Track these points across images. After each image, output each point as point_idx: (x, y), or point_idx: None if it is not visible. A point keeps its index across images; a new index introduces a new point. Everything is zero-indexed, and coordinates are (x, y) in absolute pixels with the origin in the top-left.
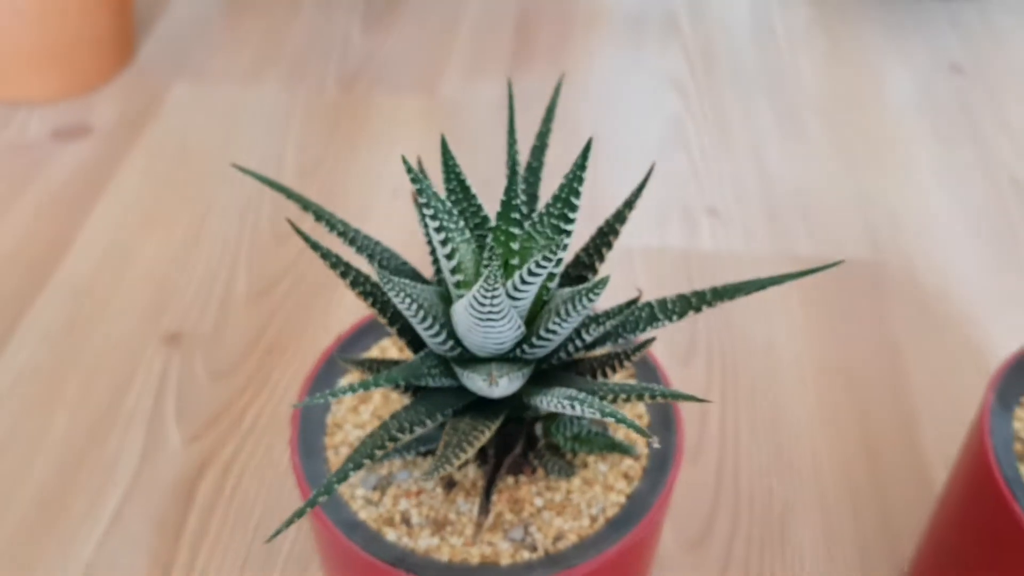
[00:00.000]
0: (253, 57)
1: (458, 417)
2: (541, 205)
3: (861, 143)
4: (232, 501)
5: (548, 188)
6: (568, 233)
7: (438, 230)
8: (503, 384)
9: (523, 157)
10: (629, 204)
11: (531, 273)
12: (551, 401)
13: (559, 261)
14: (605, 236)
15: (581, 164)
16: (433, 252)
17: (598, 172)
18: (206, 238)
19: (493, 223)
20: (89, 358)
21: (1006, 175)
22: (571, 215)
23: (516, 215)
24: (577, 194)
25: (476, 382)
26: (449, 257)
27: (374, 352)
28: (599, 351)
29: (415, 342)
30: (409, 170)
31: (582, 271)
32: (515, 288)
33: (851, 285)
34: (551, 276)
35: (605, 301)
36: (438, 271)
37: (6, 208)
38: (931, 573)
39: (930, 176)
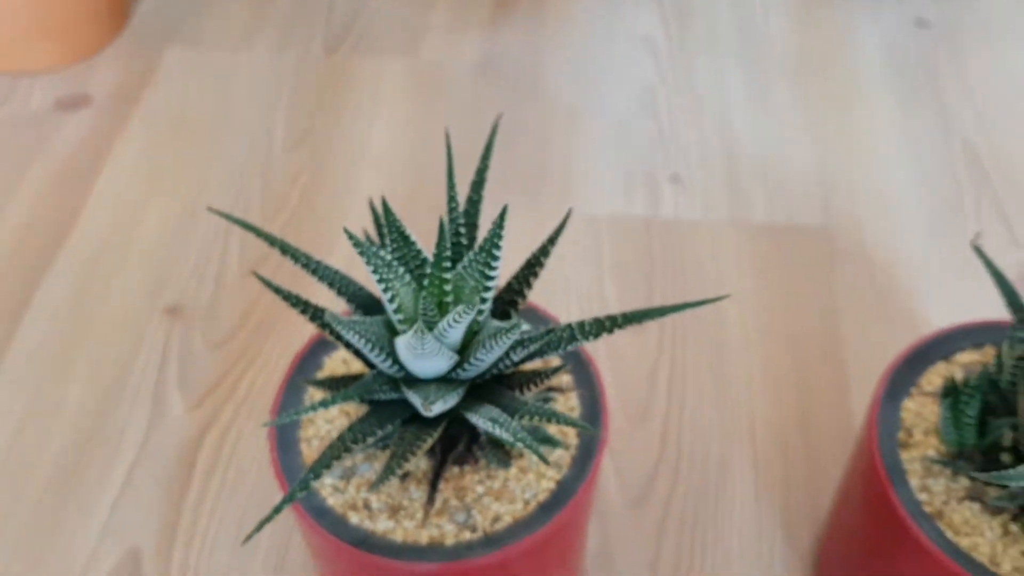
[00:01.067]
0: (243, 19)
1: (406, 426)
2: (481, 235)
3: (825, 106)
4: (230, 465)
5: (521, 177)
6: (492, 278)
7: (379, 281)
8: (437, 407)
9: (512, 140)
10: (552, 240)
11: (455, 321)
12: (478, 420)
13: (484, 299)
14: (532, 267)
15: (499, 224)
16: None
17: (569, 141)
18: (201, 211)
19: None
20: (96, 333)
21: (959, 138)
22: (493, 264)
23: (447, 263)
24: (498, 247)
25: (417, 402)
26: (391, 301)
27: (343, 352)
28: (528, 366)
29: (368, 361)
30: (350, 236)
31: (513, 296)
32: (443, 331)
33: (802, 252)
34: (480, 312)
35: (574, 272)
36: None
37: (16, 183)
38: (837, 534)
39: (888, 141)
